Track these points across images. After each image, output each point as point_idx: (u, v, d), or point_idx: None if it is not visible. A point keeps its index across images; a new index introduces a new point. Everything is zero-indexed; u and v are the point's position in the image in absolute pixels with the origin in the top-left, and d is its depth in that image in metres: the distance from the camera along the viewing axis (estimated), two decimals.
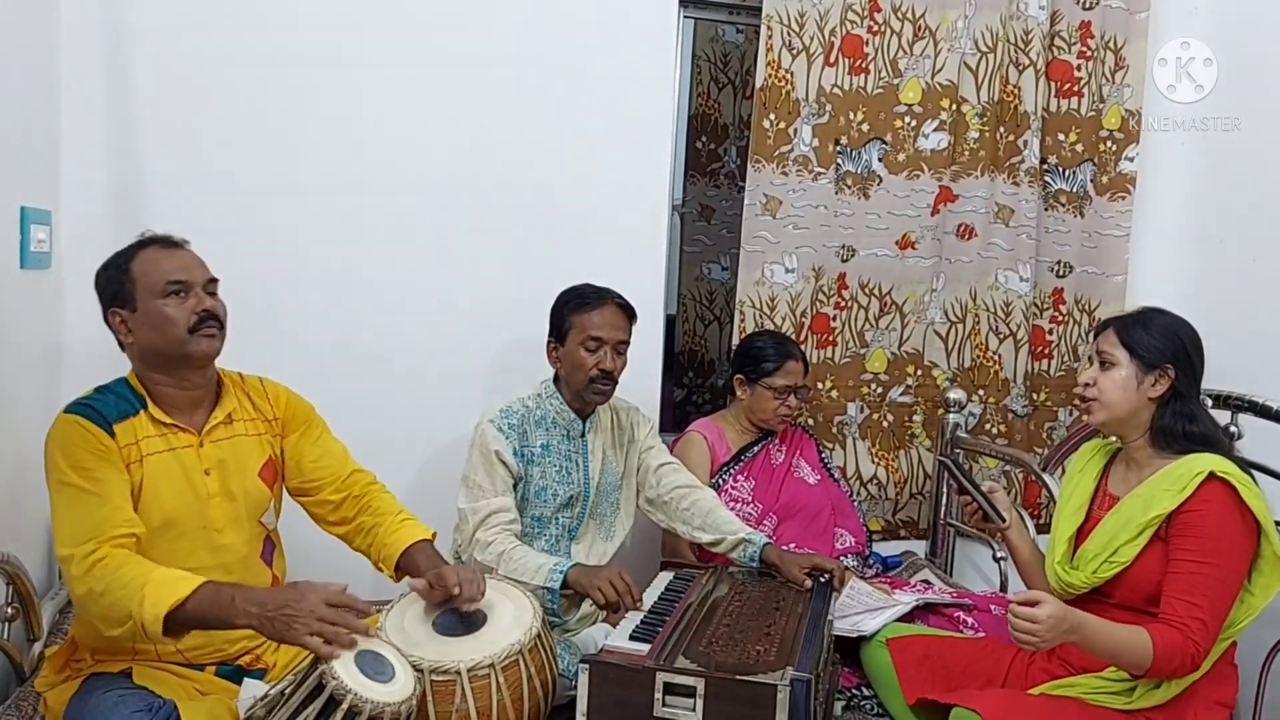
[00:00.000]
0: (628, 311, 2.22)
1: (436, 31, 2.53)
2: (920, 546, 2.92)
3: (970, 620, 2.21)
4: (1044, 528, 2.63)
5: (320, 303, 2.53)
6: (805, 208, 2.74)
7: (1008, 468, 2.93)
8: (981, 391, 2.92)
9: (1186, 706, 1.72)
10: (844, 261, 2.81)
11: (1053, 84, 2.86)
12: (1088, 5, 2.84)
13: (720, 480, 2.50)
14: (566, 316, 2.18)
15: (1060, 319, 2.97)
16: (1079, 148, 2.90)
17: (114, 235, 2.35)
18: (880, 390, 2.90)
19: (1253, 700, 2.15)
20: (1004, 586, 2.65)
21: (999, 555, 2.67)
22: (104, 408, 1.62)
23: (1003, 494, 2.03)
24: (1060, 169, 2.91)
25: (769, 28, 2.66)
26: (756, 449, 2.57)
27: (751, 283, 2.75)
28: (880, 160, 2.78)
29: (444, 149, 2.56)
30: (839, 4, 2.68)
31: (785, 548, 2.22)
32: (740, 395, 2.56)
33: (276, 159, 2.47)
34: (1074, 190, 2.92)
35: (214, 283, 1.73)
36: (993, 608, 2.25)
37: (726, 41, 3.66)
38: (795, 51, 2.69)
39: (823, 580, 2.00)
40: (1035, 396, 2.98)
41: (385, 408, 2.53)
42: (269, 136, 2.46)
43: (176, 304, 1.65)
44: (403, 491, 1.96)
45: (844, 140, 2.75)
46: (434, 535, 1.83)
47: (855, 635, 2.06)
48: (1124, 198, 2.91)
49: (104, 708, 1.53)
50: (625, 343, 2.20)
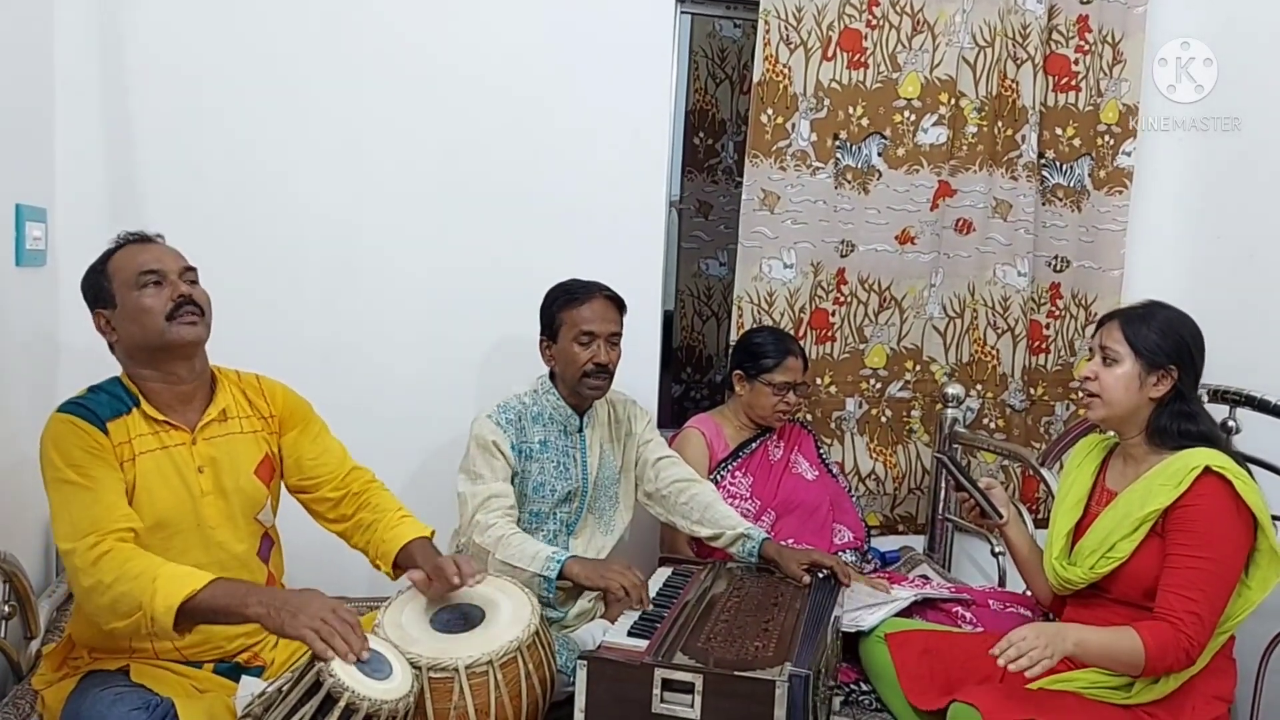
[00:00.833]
0: (617, 303, 2.21)
1: (433, 28, 2.52)
2: (918, 541, 2.92)
3: (968, 615, 2.21)
4: (1042, 522, 2.63)
5: (315, 299, 2.53)
6: (803, 203, 2.73)
7: (1005, 462, 2.94)
8: (979, 386, 2.92)
9: (1185, 701, 1.72)
10: (843, 257, 2.81)
11: (1050, 78, 2.86)
12: None
13: (718, 476, 2.50)
14: (556, 313, 2.18)
15: (1057, 314, 2.97)
16: (1076, 142, 2.90)
17: (109, 233, 2.32)
18: (879, 386, 2.89)
19: (1251, 694, 2.15)
20: (1002, 581, 2.65)
21: (997, 550, 2.68)
22: (97, 406, 1.63)
23: (1000, 490, 2.04)
24: (1058, 163, 2.91)
25: (766, 22, 2.66)
26: (755, 445, 2.57)
27: (749, 278, 2.75)
28: (880, 155, 2.78)
29: (440, 145, 2.55)
30: None
31: (784, 543, 2.22)
32: (739, 391, 2.56)
33: (271, 156, 2.46)
34: (1071, 185, 2.91)
35: (191, 271, 1.73)
36: (991, 602, 2.25)
37: (724, 36, 3.65)
38: (793, 46, 2.68)
39: (821, 576, 2.00)
40: (1033, 391, 2.98)
41: (381, 405, 2.53)
42: (264, 134, 2.45)
43: (153, 293, 1.65)
44: (398, 489, 1.95)
45: (843, 135, 2.74)
46: (433, 533, 1.83)
47: (854, 630, 2.06)
48: (1121, 192, 2.91)
49: (101, 705, 1.52)
50: (617, 334, 2.20)
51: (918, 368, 2.90)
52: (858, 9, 2.71)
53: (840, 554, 2.49)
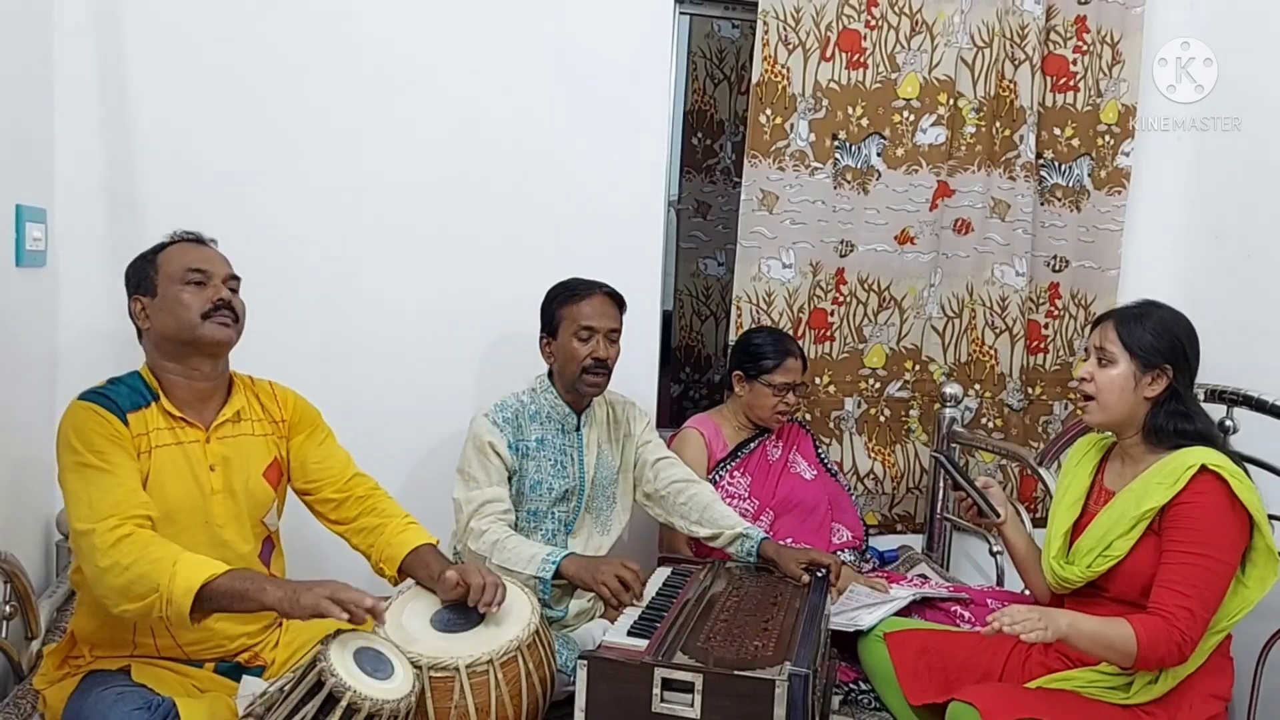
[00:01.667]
0: (617, 300, 2.22)
1: (432, 27, 2.52)
2: (917, 541, 2.92)
3: (967, 614, 2.21)
4: (1040, 521, 2.64)
5: (315, 298, 2.53)
6: (802, 203, 2.74)
7: (1004, 462, 2.94)
8: (978, 386, 2.92)
9: (1183, 699, 1.73)
10: (842, 257, 2.81)
11: (1048, 79, 2.86)
12: None
13: (717, 476, 2.50)
14: (556, 310, 2.19)
15: (1056, 313, 2.97)
16: (1075, 142, 2.90)
17: (109, 233, 2.37)
18: (878, 385, 2.90)
19: (1248, 692, 2.16)
20: (1000, 580, 2.65)
21: (995, 549, 2.68)
22: (118, 397, 1.66)
23: (998, 489, 2.04)
24: (1056, 164, 2.91)
25: (765, 23, 2.66)
26: (753, 445, 2.57)
27: (748, 278, 2.75)
28: (879, 155, 2.78)
29: (440, 145, 2.55)
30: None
31: (782, 543, 2.23)
32: (739, 391, 2.56)
33: (272, 155, 2.46)
34: (1070, 185, 2.92)
35: (235, 280, 1.79)
36: (989, 601, 2.25)
37: (722, 37, 3.66)
38: (791, 47, 2.68)
39: (819, 575, 2.00)
40: (1031, 391, 2.99)
41: (379, 403, 2.53)
42: (264, 133, 2.45)
43: (194, 291, 1.71)
44: (395, 488, 1.96)
45: (842, 135, 2.75)
46: (437, 541, 1.85)
47: (852, 630, 2.07)
48: (1120, 192, 2.92)
49: (102, 705, 1.53)
50: (617, 331, 2.20)
51: (916, 367, 2.90)
52: (856, 10, 2.71)
53: (839, 553, 2.49)
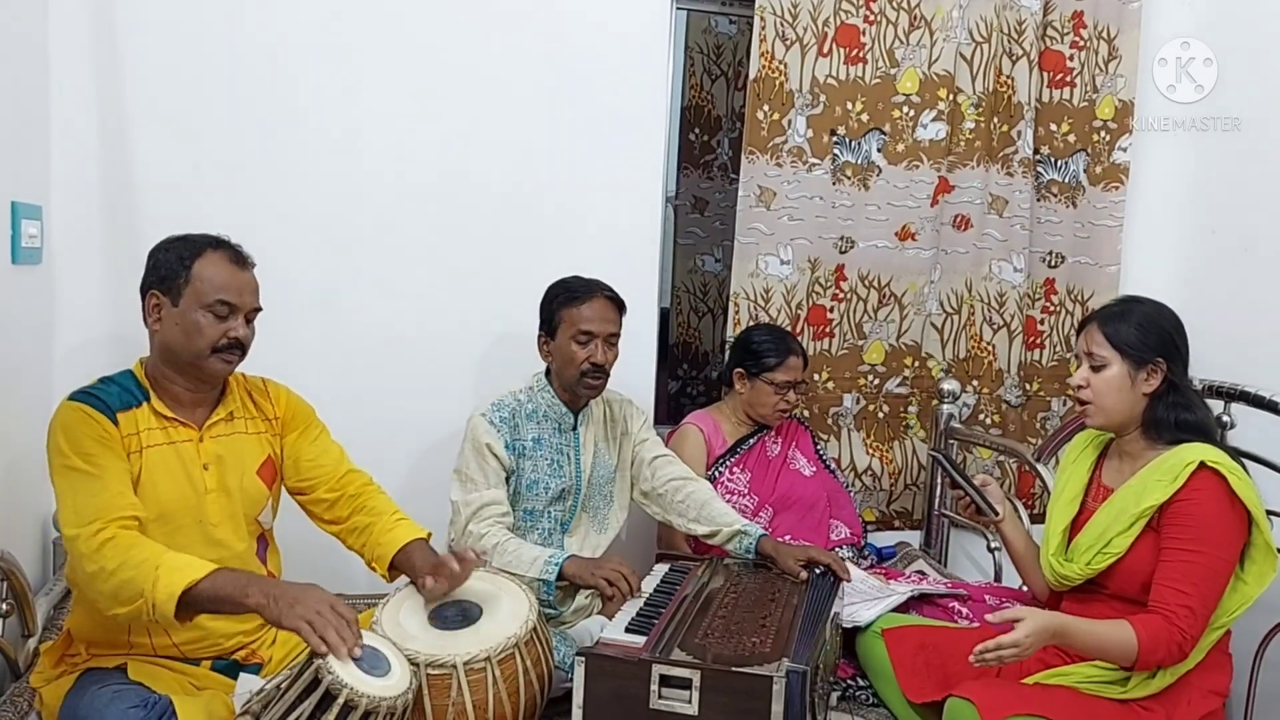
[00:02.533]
0: (617, 303, 2.21)
1: (429, 24, 2.51)
2: (915, 537, 2.93)
3: (965, 610, 2.22)
4: (1038, 518, 2.64)
5: (312, 296, 2.52)
6: (800, 199, 2.73)
7: (1001, 458, 2.94)
8: (975, 382, 2.92)
9: (1181, 695, 1.73)
10: (842, 253, 2.81)
11: (1045, 74, 2.86)
12: None
13: (716, 472, 2.50)
14: (556, 310, 2.18)
15: (1052, 309, 2.97)
16: (1071, 138, 2.90)
17: (105, 230, 2.36)
18: (877, 382, 2.90)
19: (1246, 688, 2.16)
20: (998, 577, 2.65)
21: (993, 546, 2.68)
22: (107, 397, 1.64)
23: (996, 487, 2.04)
24: (1053, 159, 2.91)
25: (762, 18, 2.66)
26: (752, 441, 2.57)
27: (746, 275, 2.75)
28: (879, 151, 2.78)
29: (437, 142, 2.55)
30: None
31: (781, 540, 2.23)
32: (739, 389, 2.56)
33: (268, 152, 2.46)
34: (1066, 180, 2.92)
35: (256, 311, 1.76)
36: (987, 598, 2.26)
37: (719, 33, 3.65)
38: (789, 42, 2.68)
39: (818, 572, 2.00)
40: (1028, 387, 2.99)
41: (377, 402, 2.53)
42: (260, 131, 2.45)
43: (214, 323, 1.67)
44: (394, 487, 1.95)
45: (841, 131, 2.74)
46: (429, 535, 1.84)
47: (850, 626, 2.07)
48: (1117, 188, 2.91)
49: (99, 704, 1.52)
50: (616, 335, 2.20)
51: (916, 364, 2.90)
52: (854, 4, 2.70)
53: (837, 550, 2.49)
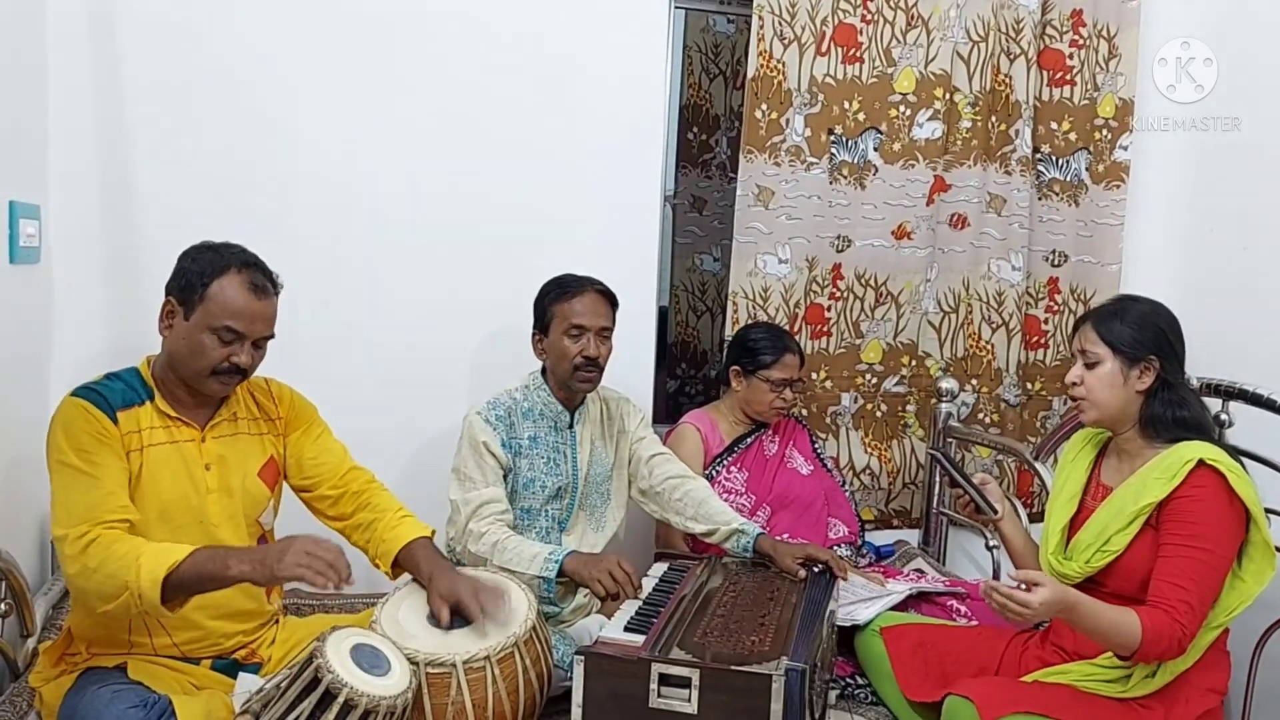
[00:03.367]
0: (609, 298, 2.21)
1: (428, 23, 2.51)
2: (913, 536, 2.93)
3: (963, 609, 2.22)
4: (1037, 516, 2.64)
5: (310, 295, 2.50)
6: (798, 198, 2.73)
7: (1000, 457, 2.94)
8: (974, 381, 2.92)
9: (1179, 693, 1.73)
10: (839, 252, 2.81)
11: (1045, 73, 2.86)
12: None
13: (714, 471, 2.50)
14: (548, 307, 2.18)
15: (1055, 308, 2.97)
16: (1072, 136, 2.90)
17: (103, 230, 2.36)
18: (875, 381, 2.90)
19: (1244, 686, 2.16)
20: (996, 574, 2.65)
21: (992, 544, 2.69)
22: (110, 394, 1.64)
23: (995, 485, 2.04)
24: (1053, 158, 2.91)
25: (760, 18, 2.66)
26: (750, 440, 2.57)
27: (744, 274, 2.75)
28: (876, 150, 2.78)
29: (435, 140, 2.55)
30: None
31: (779, 538, 2.23)
32: (736, 387, 2.56)
33: (265, 152, 2.45)
34: (1068, 179, 2.92)
35: (268, 338, 1.74)
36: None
37: (717, 32, 3.66)
38: (787, 41, 2.68)
39: (816, 570, 2.00)
40: (1030, 386, 2.99)
41: (374, 401, 2.52)
42: (258, 130, 2.44)
43: (218, 346, 1.66)
44: (392, 486, 1.95)
45: (839, 130, 2.74)
46: (433, 533, 1.84)
47: (849, 624, 2.07)
48: (1119, 186, 2.91)
49: (99, 703, 1.53)
50: (608, 329, 2.20)
51: (913, 363, 2.90)
52: (852, 4, 2.70)
53: (835, 548, 2.50)
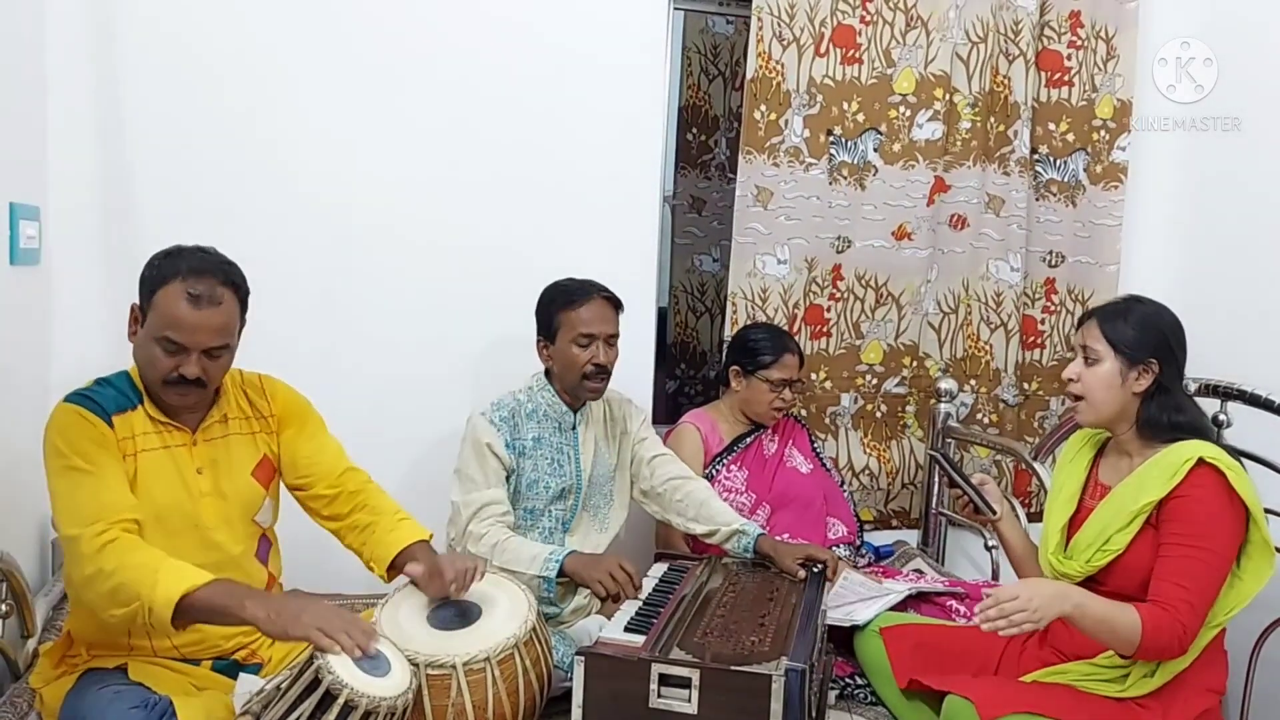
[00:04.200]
0: (615, 304, 2.22)
1: (427, 25, 2.52)
2: (912, 536, 2.93)
3: (962, 609, 2.22)
4: (1036, 516, 2.65)
5: (311, 297, 2.53)
6: (797, 199, 2.74)
7: (999, 457, 2.95)
8: (973, 382, 2.92)
9: (1177, 692, 1.73)
10: (839, 253, 2.81)
11: (1043, 74, 2.87)
12: None
13: (714, 471, 2.51)
14: (554, 314, 2.18)
15: (1052, 309, 2.98)
16: (1070, 137, 2.91)
17: (103, 231, 2.36)
18: (875, 381, 2.90)
19: (1242, 685, 2.17)
20: (995, 575, 2.66)
21: (991, 544, 2.69)
22: (103, 399, 1.63)
23: (993, 485, 2.04)
24: (1051, 159, 2.92)
25: (759, 19, 2.66)
26: (749, 439, 2.57)
27: (743, 274, 2.75)
28: (876, 150, 2.78)
29: (434, 141, 2.55)
30: None
31: (779, 538, 2.23)
32: (735, 387, 2.57)
33: (265, 153, 2.46)
34: (1065, 180, 2.92)
35: (219, 349, 1.65)
36: (984, 596, 2.26)
37: (716, 33, 3.66)
38: (786, 43, 2.68)
39: (816, 570, 2.01)
40: (1027, 386, 2.99)
41: (376, 402, 2.53)
42: (257, 131, 2.45)
43: (164, 356, 1.62)
44: (394, 487, 1.95)
45: (838, 131, 2.75)
46: (431, 536, 1.83)
47: (849, 625, 2.07)
48: (1116, 187, 2.92)
49: (100, 704, 1.53)
50: (615, 335, 2.20)
51: (913, 363, 2.91)
52: (851, 5, 2.71)
53: (834, 548, 2.50)
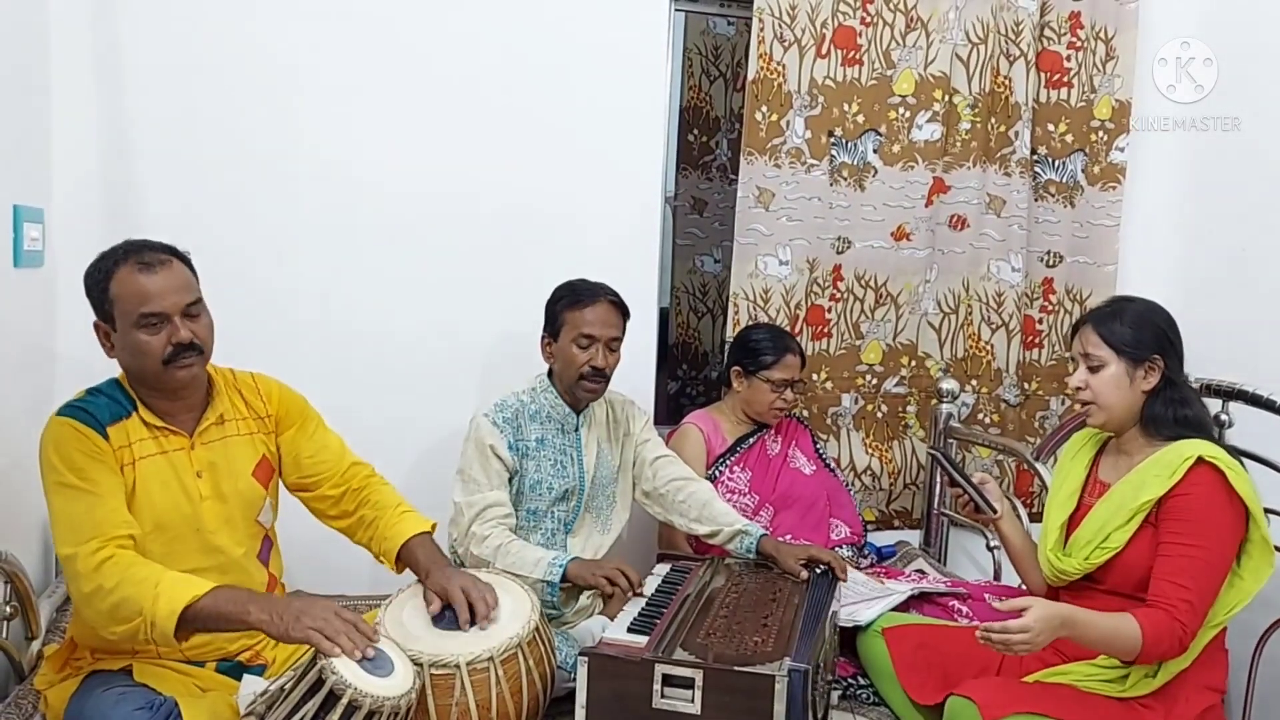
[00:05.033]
0: (621, 308, 2.22)
1: (428, 26, 2.52)
2: (915, 536, 2.93)
3: (965, 609, 2.22)
4: (1037, 516, 2.65)
5: (314, 296, 2.53)
6: (798, 200, 2.74)
7: (1000, 457, 2.95)
8: (974, 382, 2.93)
9: (1179, 692, 1.74)
10: (839, 253, 2.82)
11: (1043, 75, 2.87)
12: None
13: (717, 471, 2.51)
14: (560, 312, 2.19)
15: (1051, 309, 2.98)
16: (1069, 138, 2.91)
17: (107, 233, 2.34)
18: (875, 381, 2.91)
19: (1244, 684, 2.17)
20: (997, 575, 2.66)
21: (992, 544, 2.69)
22: (96, 410, 1.61)
23: (994, 485, 2.05)
24: (1050, 159, 2.92)
25: (760, 20, 2.67)
26: (752, 440, 2.58)
27: (745, 275, 2.76)
28: (875, 151, 2.79)
29: (437, 143, 2.56)
30: None
31: (782, 539, 2.23)
32: (737, 388, 2.57)
33: (269, 155, 2.46)
34: (1064, 180, 2.93)
35: (194, 305, 1.64)
36: (986, 596, 2.27)
37: (717, 34, 3.67)
38: (787, 44, 2.69)
39: (819, 571, 2.01)
40: (1027, 386, 3.00)
41: (380, 402, 2.53)
42: (261, 133, 2.45)
43: (151, 334, 1.59)
44: (398, 486, 1.96)
45: (839, 132, 2.75)
46: (433, 526, 1.84)
47: (851, 625, 2.08)
48: (1115, 188, 2.92)
49: (104, 705, 1.53)
50: (618, 339, 2.21)
51: (913, 363, 2.91)
52: (851, 6, 2.71)
53: (837, 549, 2.50)
